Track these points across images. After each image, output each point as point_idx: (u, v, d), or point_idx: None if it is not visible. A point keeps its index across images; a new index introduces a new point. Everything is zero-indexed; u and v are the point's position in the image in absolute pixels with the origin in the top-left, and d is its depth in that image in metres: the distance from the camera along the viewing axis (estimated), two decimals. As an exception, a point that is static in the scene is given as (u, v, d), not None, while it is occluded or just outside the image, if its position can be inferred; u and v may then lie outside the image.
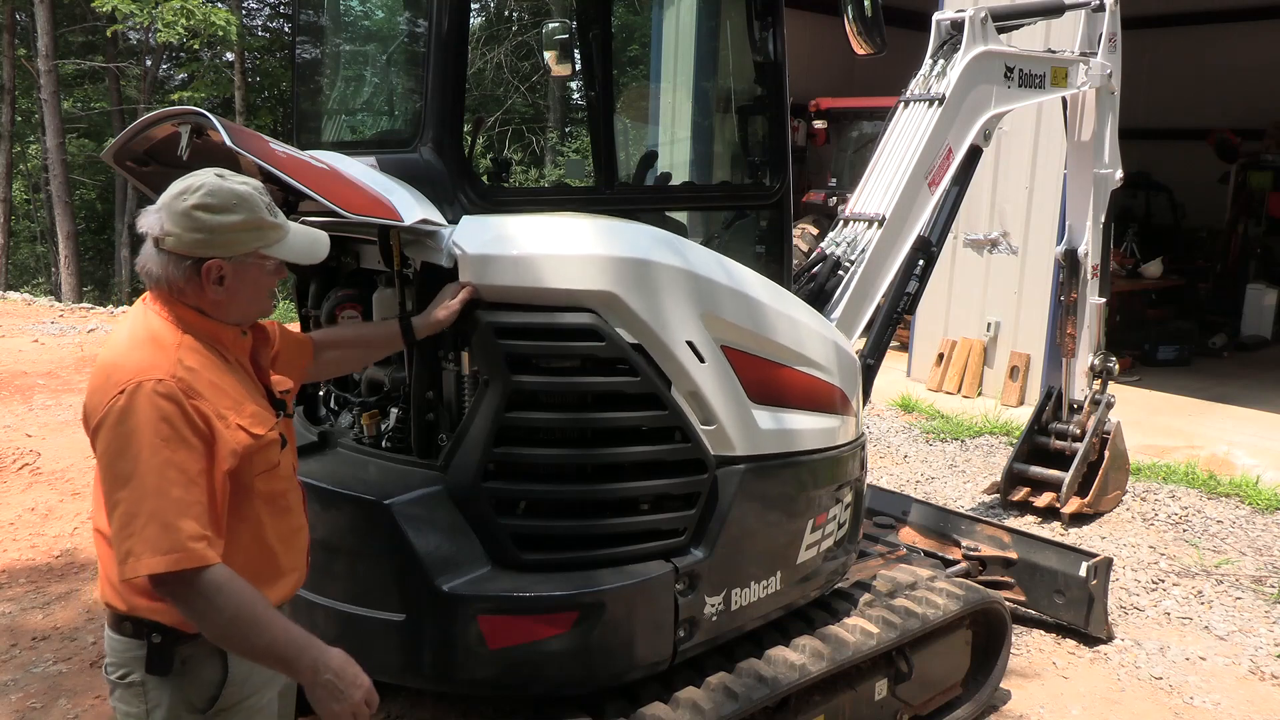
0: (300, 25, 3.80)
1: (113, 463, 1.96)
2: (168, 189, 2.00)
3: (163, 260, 1.98)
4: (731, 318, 2.81)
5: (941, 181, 3.95)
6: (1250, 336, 10.76)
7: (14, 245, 23.50)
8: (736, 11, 3.37)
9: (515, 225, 2.63)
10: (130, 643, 2.04)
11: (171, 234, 1.95)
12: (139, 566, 1.84)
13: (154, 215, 1.98)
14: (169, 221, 1.95)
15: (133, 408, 1.92)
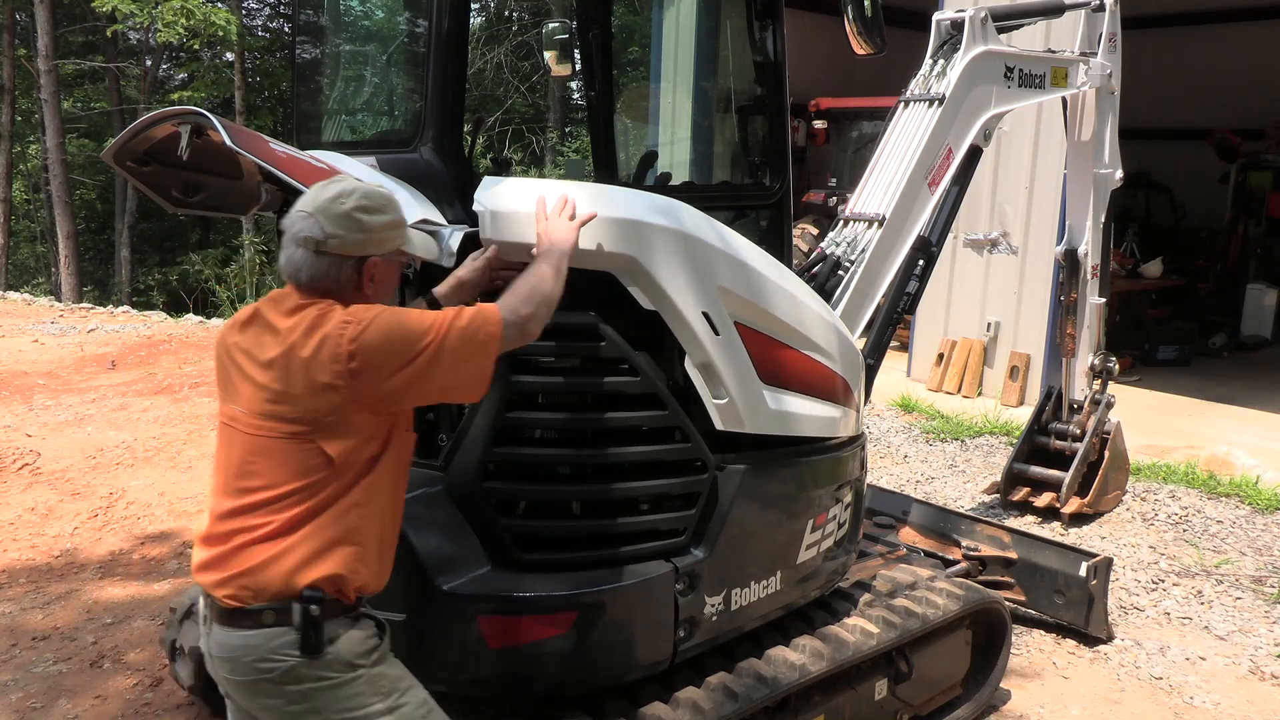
0: (300, 25, 3.80)
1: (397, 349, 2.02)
2: (311, 193, 2.09)
3: (324, 263, 2.07)
4: (746, 294, 2.80)
5: (941, 181, 3.95)
6: (1250, 336, 10.76)
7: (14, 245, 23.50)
8: (736, 11, 3.37)
9: (539, 185, 2.62)
10: (273, 632, 2.04)
11: (335, 236, 2.05)
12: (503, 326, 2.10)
13: (308, 220, 2.06)
14: (330, 224, 2.05)
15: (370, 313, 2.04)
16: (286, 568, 2.03)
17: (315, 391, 2.01)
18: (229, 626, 2.06)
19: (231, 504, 2.08)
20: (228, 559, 2.05)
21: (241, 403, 2.10)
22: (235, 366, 2.12)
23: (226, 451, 2.15)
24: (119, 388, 8.43)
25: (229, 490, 2.10)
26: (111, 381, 8.72)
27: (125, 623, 4.32)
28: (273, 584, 2.03)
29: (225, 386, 2.18)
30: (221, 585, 2.05)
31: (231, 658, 2.07)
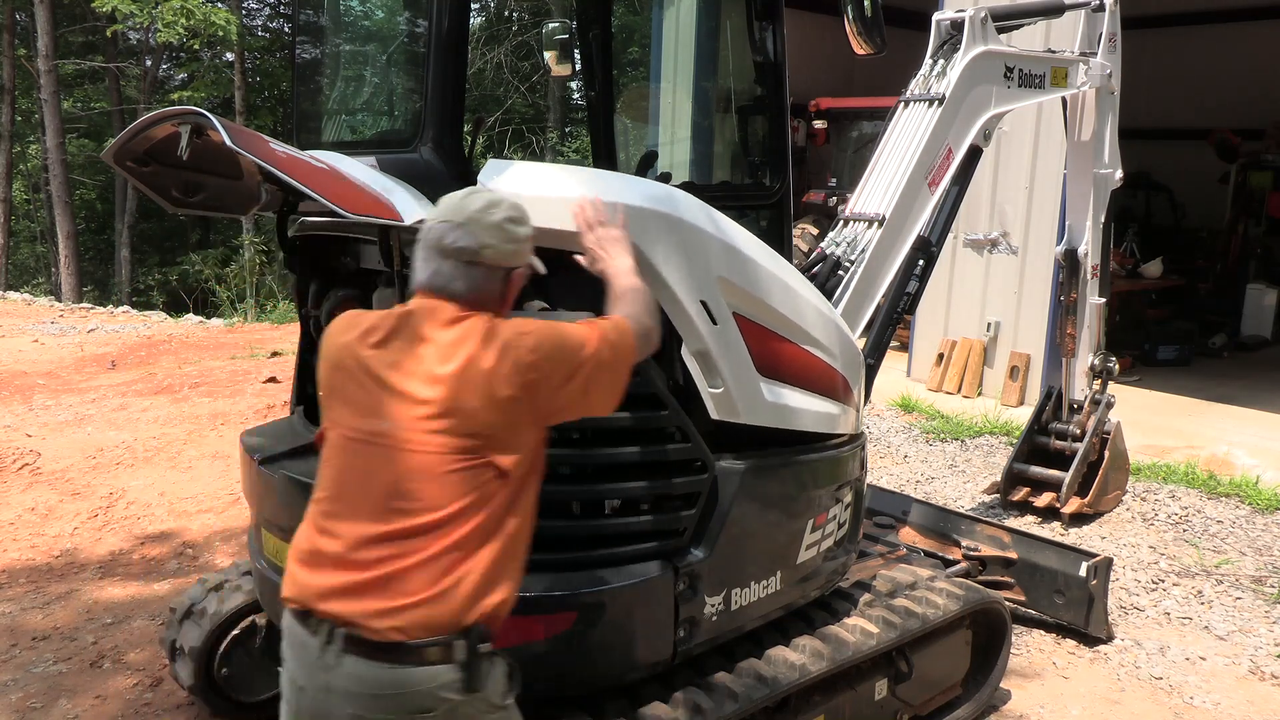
0: (300, 25, 3.80)
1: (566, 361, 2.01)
2: (452, 203, 2.06)
3: (478, 274, 2.02)
4: (745, 286, 2.80)
5: (941, 181, 3.95)
6: (1250, 336, 10.76)
7: (14, 245, 23.52)
8: (736, 11, 3.37)
9: (541, 169, 2.62)
10: (435, 670, 1.91)
11: (489, 246, 2.02)
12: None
13: (460, 231, 2.02)
14: (485, 235, 2.02)
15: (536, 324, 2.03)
16: (460, 599, 1.91)
17: (495, 404, 1.92)
18: (378, 661, 1.88)
19: (381, 528, 1.91)
20: (380, 587, 1.89)
21: (393, 419, 1.93)
22: (376, 381, 1.97)
23: (364, 471, 1.96)
24: (119, 388, 8.43)
25: (377, 512, 1.92)
26: (111, 381, 8.72)
27: (125, 623, 4.32)
28: (444, 617, 1.90)
29: (355, 401, 2.00)
30: (373, 616, 1.88)
31: (375, 694, 1.89)
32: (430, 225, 2.07)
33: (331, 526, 1.96)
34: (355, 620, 1.89)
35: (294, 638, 1.99)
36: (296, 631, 1.98)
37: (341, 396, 2.03)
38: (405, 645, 1.88)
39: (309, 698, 1.97)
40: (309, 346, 3.36)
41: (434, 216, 2.08)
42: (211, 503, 5.77)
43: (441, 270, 2.02)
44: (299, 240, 3.15)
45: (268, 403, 7.67)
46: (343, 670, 1.90)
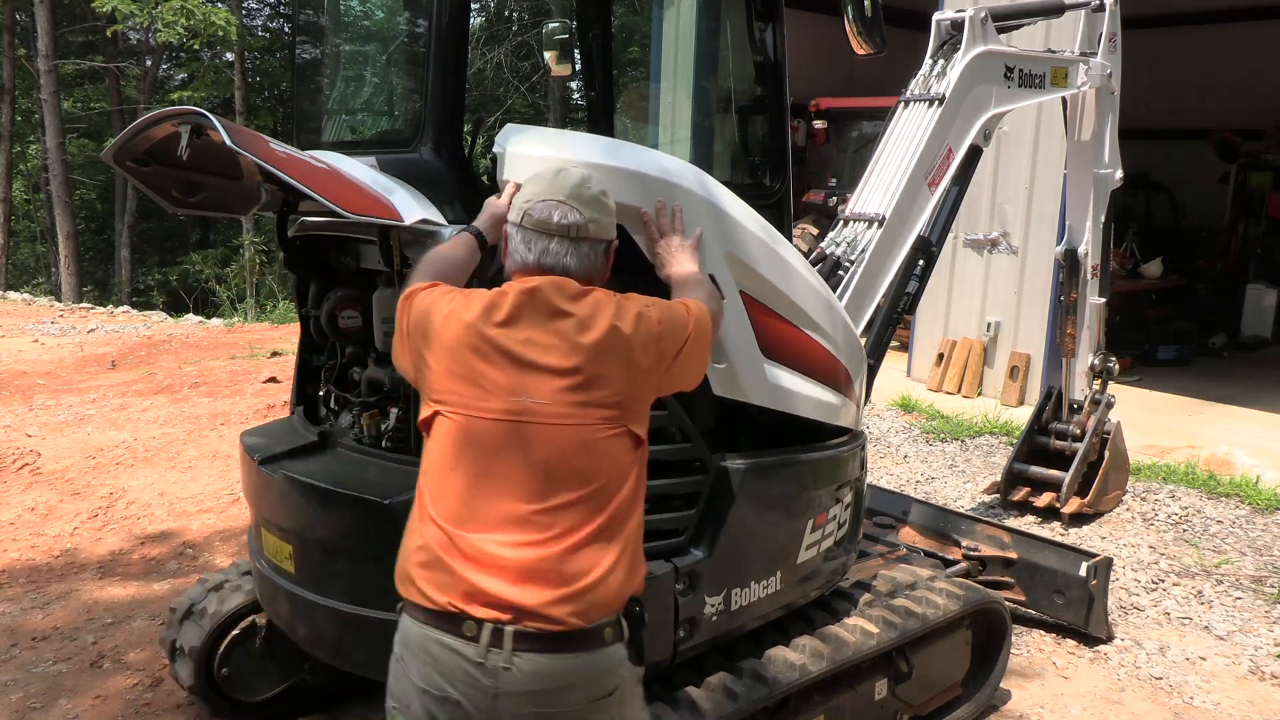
0: (300, 25, 3.80)
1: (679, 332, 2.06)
2: (551, 183, 2.04)
3: (584, 249, 2.03)
4: (754, 266, 2.81)
5: (941, 181, 3.95)
6: (1250, 336, 10.76)
7: (14, 245, 23.52)
8: (736, 11, 3.37)
9: (557, 134, 2.62)
10: (610, 651, 1.89)
11: (594, 220, 2.04)
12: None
13: (563, 208, 2.00)
14: (587, 210, 2.03)
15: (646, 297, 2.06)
16: (623, 574, 1.89)
17: (634, 372, 1.94)
18: (560, 652, 1.81)
19: (538, 507, 1.84)
20: (549, 572, 1.82)
21: (538, 395, 1.87)
22: (513, 358, 1.89)
23: (510, 452, 1.87)
24: (119, 388, 8.43)
25: (532, 494, 1.85)
26: (111, 381, 8.72)
27: (125, 623, 4.32)
28: (613, 594, 1.87)
29: (490, 382, 1.89)
30: (551, 605, 1.80)
31: (561, 687, 1.82)
32: (530, 205, 2.03)
33: (482, 515, 1.85)
34: (531, 611, 1.80)
35: (433, 648, 1.85)
36: (438, 641, 1.85)
37: (470, 379, 1.90)
38: (585, 630, 1.83)
39: (467, 710, 1.83)
40: (309, 346, 3.36)
41: (529, 196, 2.05)
42: (211, 503, 5.76)
43: (550, 249, 2.00)
44: (299, 240, 3.15)
45: (268, 403, 7.67)
46: (518, 671, 1.80)
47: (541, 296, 1.94)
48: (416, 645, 1.87)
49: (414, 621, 1.89)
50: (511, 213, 2.08)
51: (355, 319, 3.04)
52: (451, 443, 1.91)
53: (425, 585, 1.87)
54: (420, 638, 1.86)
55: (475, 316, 1.94)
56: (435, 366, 1.95)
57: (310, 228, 3.08)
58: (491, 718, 1.82)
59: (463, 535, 1.85)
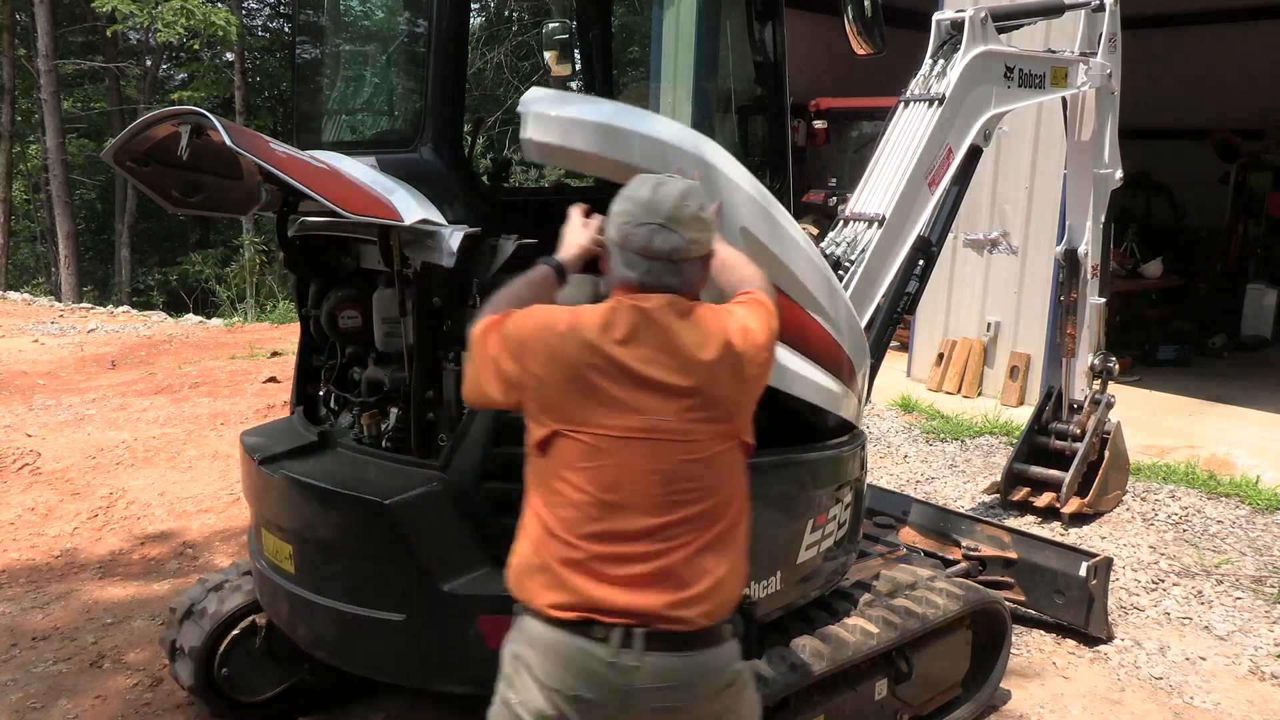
0: (300, 25, 3.80)
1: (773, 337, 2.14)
2: (649, 203, 2.02)
3: (685, 268, 2.04)
4: (767, 243, 2.81)
5: (941, 181, 3.95)
6: (1250, 336, 10.75)
7: (14, 245, 23.52)
8: (736, 11, 3.37)
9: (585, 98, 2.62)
10: (728, 647, 2.02)
11: (695, 240, 2.04)
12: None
13: (664, 233, 2.00)
14: (687, 231, 2.02)
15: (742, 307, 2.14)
16: (740, 576, 2.02)
17: (745, 385, 2.03)
18: (686, 651, 1.93)
19: (665, 519, 1.93)
20: (676, 578, 1.93)
21: (662, 412, 1.94)
22: (635, 377, 1.94)
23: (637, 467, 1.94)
24: (119, 388, 8.43)
25: (658, 506, 1.93)
26: (111, 381, 8.72)
27: (125, 623, 4.32)
28: (733, 596, 2.01)
29: (613, 400, 1.95)
30: (679, 607, 1.92)
31: (686, 683, 1.94)
32: (629, 229, 2.02)
33: (610, 529, 1.94)
34: (659, 614, 1.91)
35: (564, 650, 1.94)
36: (571, 644, 1.93)
37: (594, 396, 1.95)
38: (708, 630, 1.95)
39: (599, 708, 1.93)
40: (309, 346, 3.37)
41: (628, 217, 2.03)
42: (211, 503, 5.76)
43: (652, 269, 2.02)
44: (299, 240, 3.16)
45: (268, 403, 7.67)
46: (647, 670, 1.90)
47: (656, 316, 1.98)
48: (544, 647, 1.95)
49: (541, 624, 1.96)
50: (610, 229, 2.07)
51: (355, 319, 3.04)
52: (575, 460, 1.97)
53: (553, 595, 1.95)
54: (549, 640, 1.95)
55: (594, 335, 1.97)
56: (553, 385, 1.98)
57: (310, 228, 3.08)
58: (621, 713, 1.93)
59: (589, 548, 1.93)
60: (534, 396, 2.00)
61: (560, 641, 1.93)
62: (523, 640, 1.99)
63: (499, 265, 2.69)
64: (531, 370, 1.98)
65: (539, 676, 1.95)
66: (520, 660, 1.99)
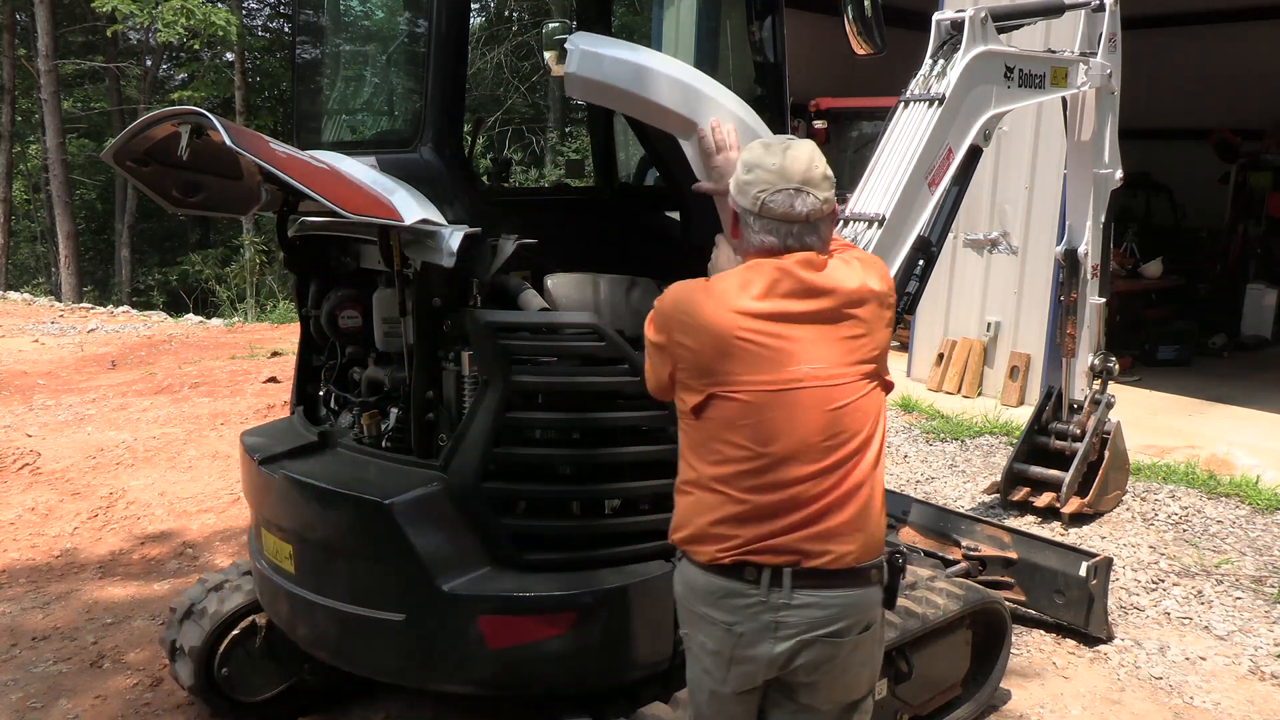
0: (300, 25, 3.80)
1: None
2: (782, 169, 2.10)
3: (825, 225, 2.15)
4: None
5: (941, 181, 3.95)
6: (1250, 336, 10.75)
7: (14, 245, 23.52)
8: (736, 11, 3.37)
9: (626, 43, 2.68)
10: (874, 591, 2.14)
11: (827, 199, 2.14)
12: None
13: (801, 197, 2.09)
14: (820, 190, 2.12)
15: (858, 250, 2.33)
16: (882, 518, 2.13)
17: (885, 325, 2.16)
18: (833, 588, 2.06)
19: (820, 465, 2.04)
20: (830, 520, 2.05)
21: (814, 361, 2.05)
22: (779, 332, 2.05)
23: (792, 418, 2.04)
24: (119, 388, 8.43)
25: (814, 451, 2.04)
26: (111, 381, 8.72)
27: (125, 623, 4.32)
28: (878, 535, 2.12)
29: (763, 358, 2.04)
30: (831, 546, 2.04)
31: (831, 616, 2.06)
32: (766, 195, 2.09)
33: (770, 480, 2.04)
34: (810, 553, 2.04)
35: (721, 592, 2.08)
36: (726, 586, 2.08)
37: (743, 358, 2.04)
38: (855, 570, 2.08)
39: (749, 640, 2.07)
40: (309, 346, 3.37)
41: (761, 185, 2.10)
42: (211, 503, 5.76)
43: (792, 233, 2.10)
44: (299, 240, 3.16)
45: (268, 403, 7.67)
46: (796, 603, 2.04)
47: (795, 270, 2.07)
48: (702, 590, 2.11)
49: (699, 570, 2.12)
50: (742, 198, 2.13)
51: (355, 319, 3.04)
52: (734, 419, 2.06)
53: (712, 548, 2.08)
54: (705, 584, 2.11)
55: (739, 300, 2.06)
56: (708, 353, 2.07)
57: (310, 228, 3.08)
58: (775, 643, 2.07)
59: (750, 499, 2.05)
60: (685, 365, 2.10)
61: (715, 584, 2.08)
62: (682, 583, 2.17)
63: (499, 265, 2.69)
64: (679, 341, 2.09)
65: (702, 615, 2.12)
66: (684, 603, 2.17)
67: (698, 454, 2.12)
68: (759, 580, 2.05)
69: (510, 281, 2.76)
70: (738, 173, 2.16)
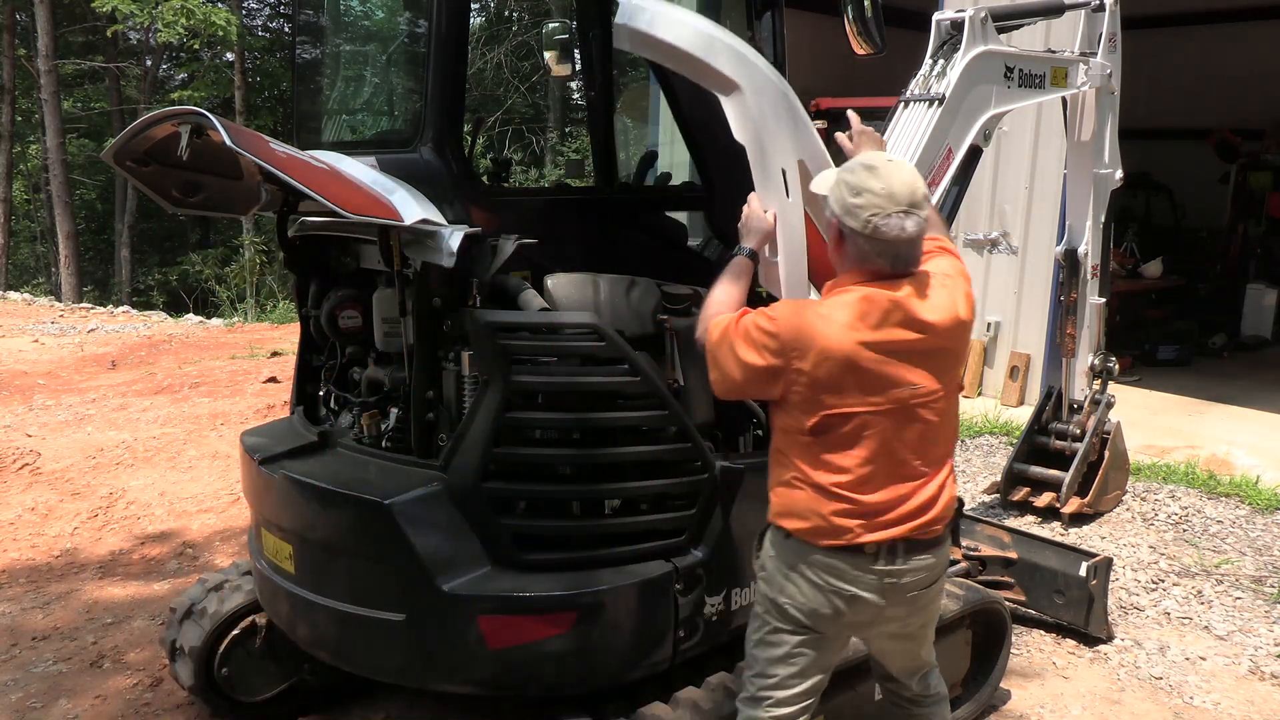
0: (300, 25, 3.81)
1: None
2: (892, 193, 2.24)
3: (922, 240, 2.34)
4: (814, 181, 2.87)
5: (941, 181, 3.95)
6: (1250, 336, 10.74)
7: (14, 245, 23.51)
8: (736, 11, 3.37)
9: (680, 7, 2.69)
10: (948, 541, 2.56)
11: (927, 217, 2.33)
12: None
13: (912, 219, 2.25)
14: (923, 210, 2.29)
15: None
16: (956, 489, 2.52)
17: (967, 343, 2.46)
18: (930, 552, 2.43)
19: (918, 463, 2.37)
20: (933, 502, 2.40)
21: (919, 382, 2.31)
22: (892, 359, 2.27)
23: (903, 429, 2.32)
24: (119, 388, 8.43)
25: (914, 454, 2.35)
26: (111, 381, 8.72)
27: (125, 623, 4.32)
28: (953, 505, 2.49)
29: (882, 380, 2.28)
30: (931, 524, 2.41)
31: (929, 570, 2.45)
32: (876, 219, 2.24)
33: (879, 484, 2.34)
34: (914, 528, 2.38)
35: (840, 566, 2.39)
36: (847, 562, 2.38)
37: (860, 384, 2.27)
38: (940, 535, 2.46)
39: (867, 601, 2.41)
40: (309, 346, 3.37)
41: (873, 209, 2.24)
42: (211, 503, 5.77)
43: (901, 254, 2.29)
44: (299, 240, 3.16)
45: (268, 403, 7.67)
46: (907, 567, 2.40)
47: (904, 302, 2.29)
48: (821, 565, 2.39)
49: (815, 549, 2.39)
50: (851, 220, 2.27)
51: (355, 319, 3.04)
52: (849, 435, 2.31)
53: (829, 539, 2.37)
54: (825, 561, 2.39)
55: (858, 330, 2.26)
56: (822, 378, 2.27)
57: (310, 228, 3.08)
58: (885, 603, 2.42)
59: (860, 499, 2.34)
60: (800, 388, 2.29)
61: (835, 562, 2.38)
62: (794, 557, 2.42)
63: (499, 265, 2.69)
64: (797, 366, 2.27)
65: (816, 582, 2.40)
66: (795, 572, 2.42)
67: (805, 460, 2.36)
68: (877, 554, 2.37)
69: (510, 281, 2.76)
70: (841, 193, 2.29)
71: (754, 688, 2.52)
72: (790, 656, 2.48)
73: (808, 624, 2.45)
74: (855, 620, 2.48)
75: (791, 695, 2.50)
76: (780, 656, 2.48)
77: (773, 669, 2.49)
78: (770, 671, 2.49)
